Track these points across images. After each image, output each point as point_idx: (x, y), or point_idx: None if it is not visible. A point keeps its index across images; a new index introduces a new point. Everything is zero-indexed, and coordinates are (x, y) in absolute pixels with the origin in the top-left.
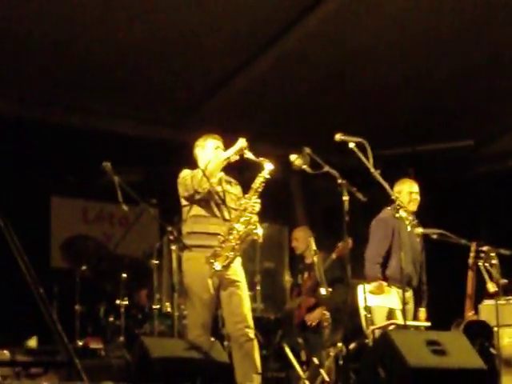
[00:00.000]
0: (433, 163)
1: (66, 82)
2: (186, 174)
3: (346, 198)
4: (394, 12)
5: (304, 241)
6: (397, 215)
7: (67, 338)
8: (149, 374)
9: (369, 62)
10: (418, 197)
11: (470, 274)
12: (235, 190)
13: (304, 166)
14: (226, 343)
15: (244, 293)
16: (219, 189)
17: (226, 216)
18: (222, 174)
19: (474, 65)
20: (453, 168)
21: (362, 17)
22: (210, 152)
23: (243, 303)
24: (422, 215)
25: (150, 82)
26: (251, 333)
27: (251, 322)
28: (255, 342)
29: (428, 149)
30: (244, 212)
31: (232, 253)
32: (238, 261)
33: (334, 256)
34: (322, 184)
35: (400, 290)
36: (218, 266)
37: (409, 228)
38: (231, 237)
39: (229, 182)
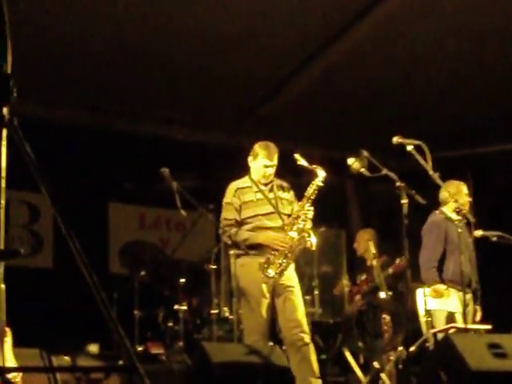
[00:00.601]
0: (491, 165)
1: (126, 89)
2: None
3: (404, 201)
4: (448, 15)
5: (364, 243)
6: (451, 217)
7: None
8: (209, 378)
9: (425, 65)
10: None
11: None
12: (288, 194)
13: (362, 170)
14: (284, 348)
15: (298, 298)
16: (271, 196)
17: (279, 223)
18: (274, 179)
19: None
20: (510, 170)
21: (414, 23)
22: (259, 169)
23: (298, 308)
24: (479, 217)
25: (206, 87)
26: (307, 337)
27: (306, 327)
28: (311, 347)
29: (486, 151)
30: (297, 220)
31: (285, 260)
32: (292, 267)
33: (390, 271)
34: (378, 187)
35: (460, 293)
36: (271, 272)
37: (459, 230)
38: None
39: (281, 187)
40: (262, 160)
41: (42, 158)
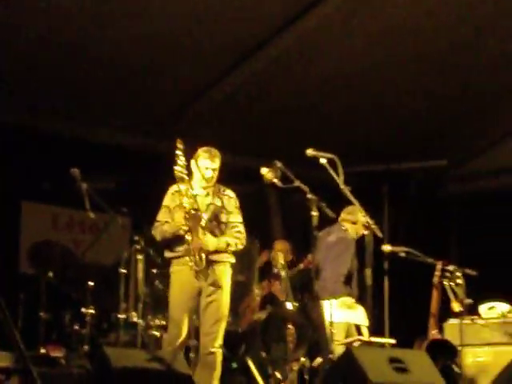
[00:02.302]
0: (406, 182)
1: (42, 88)
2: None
3: (315, 213)
4: (373, 34)
5: (274, 253)
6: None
7: (30, 345)
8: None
9: (344, 82)
10: None
11: (435, 293)
12: (227, 202)
13: (275, 180)
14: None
15: (218, 305)
16: (207, 201)
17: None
18: (216, 186)
19: (453, 88)
20: (425, 187)
21: (339, 38)
22: (200, 171)
23: (214, 315)
24: (393, 233)
25: (127, 90)
26: (217, 345)
27: (221, 334)
28: (218, 355)
29: (402, 167)
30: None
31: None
32: (224, 270)
33: (301, 266)
34: (301, 197)
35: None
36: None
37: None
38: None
39: (220, 194)
40: (203, 162)
41: None
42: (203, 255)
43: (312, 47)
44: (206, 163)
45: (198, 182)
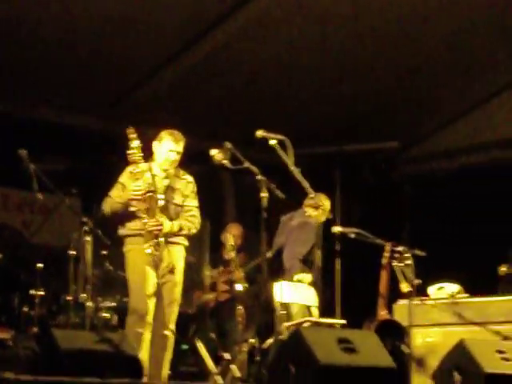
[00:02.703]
0: (358, 164)
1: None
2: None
3: (264, 194)
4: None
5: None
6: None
7: None
8: (57, 366)
9: (294, 64)
10: None
11: (384, 274)
12: (184, 186)
13: (224, 161)
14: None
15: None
16: (165, 183)
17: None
18: (176, 170)
19: (402, 68)
20: (377, 169)
21: (289, 19)
22: (163, 152)
23: (169, 297)
24: (346, 215)
25: (78, 70)
26: (171, 328)
27: (174, 317)
28: (171, 338)
29: (354, 149)
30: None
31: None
32: (178, 252)
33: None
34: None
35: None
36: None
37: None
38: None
39: (178, 177)
40: (167, 144)
41: None
42: (161, 239)
43: (261, 29)
44: (171, 145)
45: (158, 164)
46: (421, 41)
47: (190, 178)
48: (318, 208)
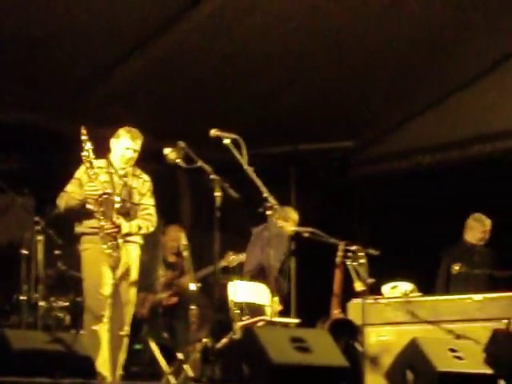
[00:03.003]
0: (314, 163)
1: None
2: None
3: (218, 193)
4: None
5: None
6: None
7: None
8: (9, 366)
9: (251, 63)
10: None
11: (337, 273)
12: (141, 185)
13: (178, 160)
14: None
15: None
16: (121, 182)
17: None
18: (133, 169)
19: (357, 68)
20: (333, 168)
21: (242, 18)
22: (120, 150)
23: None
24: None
25: (31, 67)
26: (126, 328)
27: (129, 317)
28: (126, 338)
29: (309, 148)
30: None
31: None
32: (134, 251)
33: (223, 263)
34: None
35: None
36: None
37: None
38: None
39: (136, 176)
40: (124, 141)
41: None
42: (119, 241)
43: (215, 28)
44: (128, 143)
45: (115, 161)
46: (374, 39)
47: (147, 177)
48: (287, 220)
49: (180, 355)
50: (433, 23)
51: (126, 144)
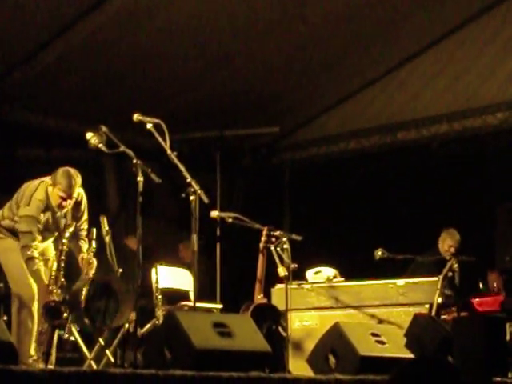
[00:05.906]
0: (240, 149)
1: None
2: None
3: (140, 178)
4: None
5: None
6: None
7: None
8: None
9: (170, 47)
10: None
11: (261, 258)
12: (83, 206)
13: (100, 145)
14: None
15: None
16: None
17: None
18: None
19: (283, 55)
20: (259, 154)
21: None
22: (55, 197)
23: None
24: (227, 199)
25: None
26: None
27: None
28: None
29: (235, 134)
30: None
31: None
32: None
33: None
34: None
35: None
36: None
37: None
38: None
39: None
40: (59, 192)
41: None
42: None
43: (137, 13)
44: (62, 195)
45: (54, 202)
46: (298, 28)
47: (83, 193)
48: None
49: (102, 341)
50: (357, 10)
51: (60, 194)
